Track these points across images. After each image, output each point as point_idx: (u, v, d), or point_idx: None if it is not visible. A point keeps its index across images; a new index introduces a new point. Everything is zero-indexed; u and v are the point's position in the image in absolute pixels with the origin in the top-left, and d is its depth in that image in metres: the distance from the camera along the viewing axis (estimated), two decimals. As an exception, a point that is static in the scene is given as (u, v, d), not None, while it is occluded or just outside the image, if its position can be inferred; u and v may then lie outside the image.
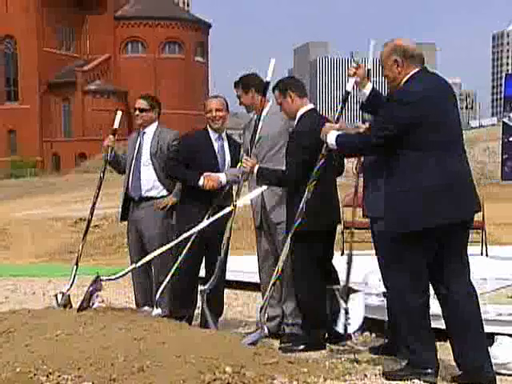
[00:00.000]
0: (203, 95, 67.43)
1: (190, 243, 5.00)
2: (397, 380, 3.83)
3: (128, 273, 5.14)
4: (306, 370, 3.74)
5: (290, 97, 4.81)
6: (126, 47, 69.16)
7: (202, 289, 5.03)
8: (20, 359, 3.54)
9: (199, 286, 5.21)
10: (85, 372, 3.43)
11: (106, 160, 5.74)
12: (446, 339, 4.14)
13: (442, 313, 3.96)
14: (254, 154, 4.99)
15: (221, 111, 5.26)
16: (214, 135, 5.30)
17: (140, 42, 69.02)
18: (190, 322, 5.16)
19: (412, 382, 3.80)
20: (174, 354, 3.60)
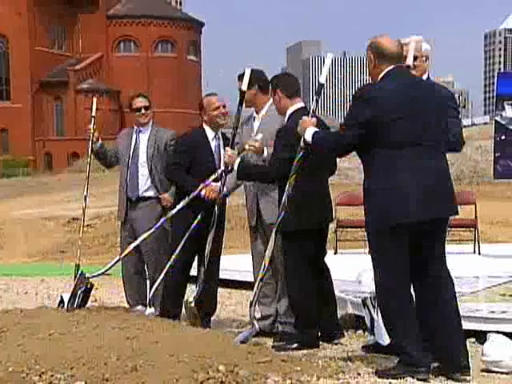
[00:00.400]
0: (196, 94, 67.41)
1: (182, 243, 4.99)
2: (390, 378, 3.83)
3: (112, 267, 5.11)
4: (299, 368, 3.74)
5: (279, 95, 4.82)
6: (118, 46, 68.96)
7: (185, 300, 5.00)
8: (12, 359, 3.53)
9: (187, 292, 5.22)
10: (78, 371, 3.42)
11: (93, 150, 5.71)
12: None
13: (417, 308, 3.98)
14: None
15: (225, 107, 5.27)
16: (210, 134, 5.28)
17: (132, 41, 68.84)
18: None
19: (405, 380, 3.81)
20: (167, 353, 3.59)
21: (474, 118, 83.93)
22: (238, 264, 7.50)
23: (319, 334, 4.84)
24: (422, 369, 3.84)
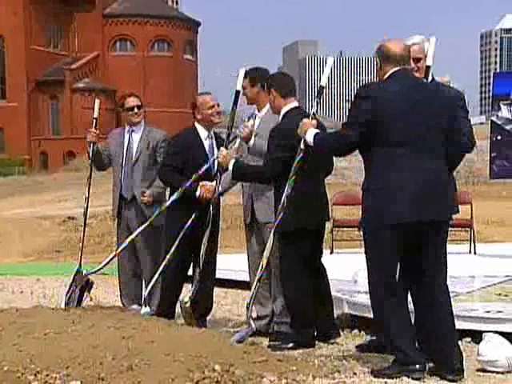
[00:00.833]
0: (192, 94, 67.34)
1: (177, 242, 4.99)
2: (385, 378, 3.84)
3: (108, 263, 5.11)
4: (294, 368, 3.74)
5: (273, 94, 4.82)
6: (114, 45, 68.85)
7: (181, 300, 5.01)
8: (8, 358, 3.52)
9: (182, 294, 5.22)
10: (73, 371, 3.42)
11: (92, 159, 5.75)
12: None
13: (413, 309, 3.99)
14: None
15: (219, 106, 5.27)
16: (203, 133, 5.27)
17: (129, 40, 68.73)
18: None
19: (400, 379, 3.81)
20: (162, 353, 3.59)
21: (470, 118, 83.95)
22: (233, 263, 7.49)
23: (315, 333, 4.84)
24: (417, 367, 3.84)
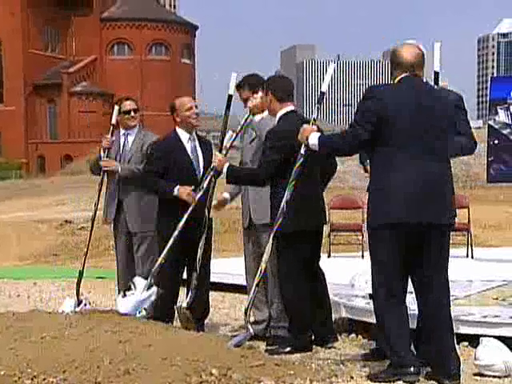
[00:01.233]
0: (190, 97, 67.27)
1: (169, 245, 5.00)
2: (381, 382, 3.84)
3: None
4: (292, 372, 3.74)
5: (269, 97, 4.83)
6: (112, 49, 68.88)
7: (178, 306, 5.01)
8: (4, 362, 3.51)
9: (180, 295, 5.22)
10: (70, 375, 3.41)
11: (99, 165, 5.82)
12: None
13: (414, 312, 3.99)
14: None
15: (197, 107, 5.31)
16: (185, 137, 5.28)
17: (126, 44, 68.76)
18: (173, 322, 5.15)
19: (395, 383, 3.81)
20: (159, 357, 3.59)
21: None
22: (231, 267, 7.49)
23: (312, 337, 4.84)
24: (412, 369, 3.84)
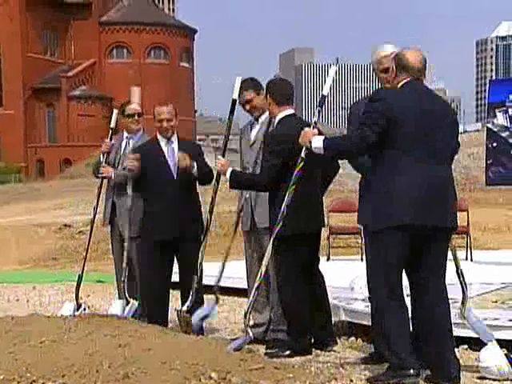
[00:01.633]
0: (189, 101, 67.34)
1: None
2: (380, 384, 3.84)
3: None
4: (291, 375, 3.73)
5: (269, 100, 4.85)
6: (111, 53, 68.90)
7: (178, 309, 5.03)
8: (4, 367, 3.51)
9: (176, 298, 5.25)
10: (69, 379, 3.41)
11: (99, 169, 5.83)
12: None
13: (411, 313, 3.99)
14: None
15: (171, 121, 5.35)
16: (163, 141, 5.37)
17: (125, 48, 68.78)
18: (166, 325, 5.17)
19: (395, 386, 3.82)
20: (159, 361, 3.58)
21: (465, 125, 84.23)
22: (230, 270, 7.47)
23: (312, 341, 4.83)
24: (411, 371, 3.83)
